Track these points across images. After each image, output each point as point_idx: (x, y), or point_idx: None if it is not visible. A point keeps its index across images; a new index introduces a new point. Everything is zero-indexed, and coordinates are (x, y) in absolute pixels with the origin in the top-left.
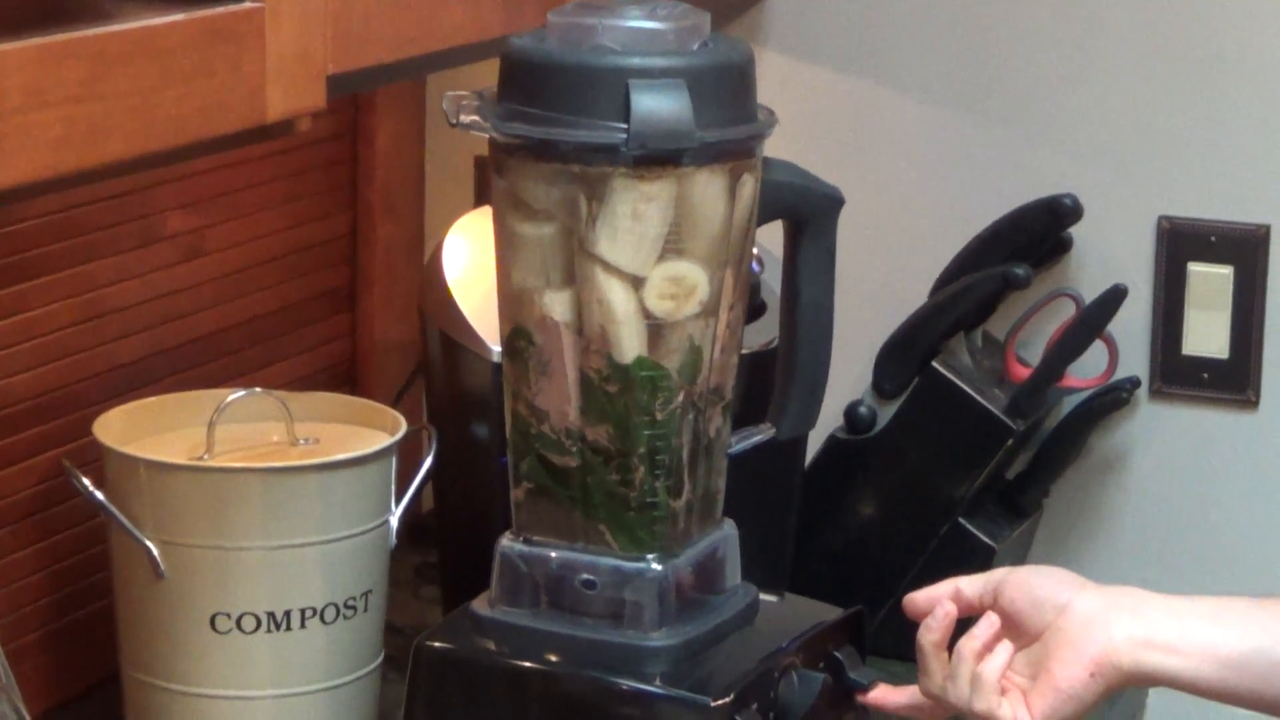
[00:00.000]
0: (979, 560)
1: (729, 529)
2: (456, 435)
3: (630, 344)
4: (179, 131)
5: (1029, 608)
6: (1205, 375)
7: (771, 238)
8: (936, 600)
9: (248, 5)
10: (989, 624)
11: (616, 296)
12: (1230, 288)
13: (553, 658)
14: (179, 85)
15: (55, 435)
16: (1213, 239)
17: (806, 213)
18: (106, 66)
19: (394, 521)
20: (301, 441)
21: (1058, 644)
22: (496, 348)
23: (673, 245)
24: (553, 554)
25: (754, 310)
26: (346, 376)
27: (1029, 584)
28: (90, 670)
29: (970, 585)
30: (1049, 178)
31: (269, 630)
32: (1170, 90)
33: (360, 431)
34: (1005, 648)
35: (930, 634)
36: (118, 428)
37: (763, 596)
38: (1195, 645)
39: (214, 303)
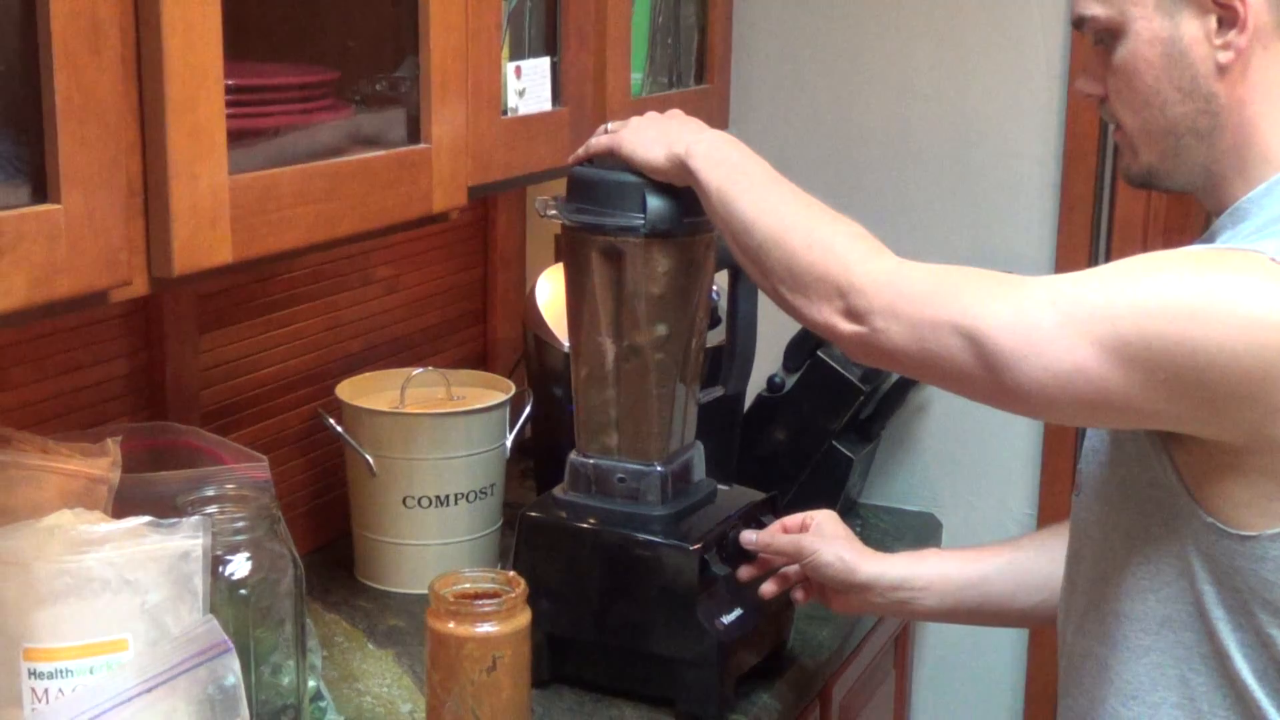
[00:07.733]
0: (843, 465)
1: (699, 447)
2: (544, 394)
3: (646, 339)
4: (383, 218)
5: (819, 561)
6: None
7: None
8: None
9: (422, 147)
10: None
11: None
12: None
13: (598, 522)
14: (382, 191)
15: (314, 395)
16: None
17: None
18: (340, 181)
19: (508, 443)
20: (455, 398)
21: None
22: (566, 343)
23: (671, 287)
24: (600, 462)
25: (713, 321)
26: (480, 360)
27: (823, 545)
28: (334, 528)
29: (790, 520)
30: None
31: (437, 506)
32: None
33: (489, 392)
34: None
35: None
36: (350, 390)
37: (719, 486)
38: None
39: (404, 319)
